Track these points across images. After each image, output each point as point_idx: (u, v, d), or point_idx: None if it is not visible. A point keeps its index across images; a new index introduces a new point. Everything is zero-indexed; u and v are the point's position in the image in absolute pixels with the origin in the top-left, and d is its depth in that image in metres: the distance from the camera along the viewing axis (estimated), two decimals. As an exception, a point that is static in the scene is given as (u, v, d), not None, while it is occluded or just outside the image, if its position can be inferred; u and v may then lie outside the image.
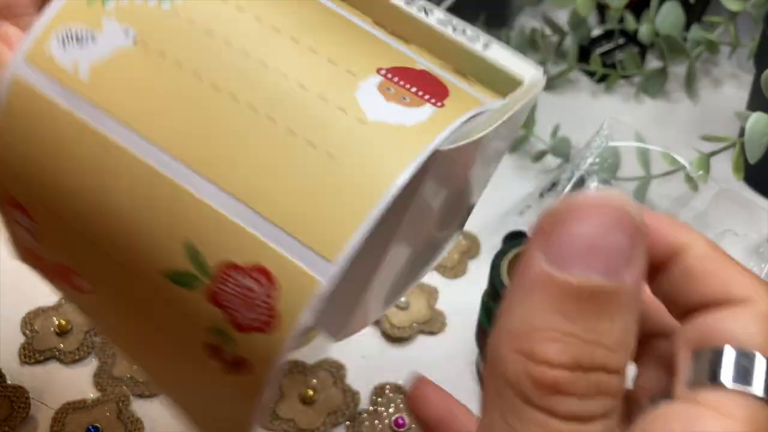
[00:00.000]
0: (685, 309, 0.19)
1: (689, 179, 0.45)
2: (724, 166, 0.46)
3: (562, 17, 0.62)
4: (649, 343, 0.21)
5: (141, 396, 0.36)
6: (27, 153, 0.21)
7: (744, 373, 0.17)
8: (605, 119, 0.45)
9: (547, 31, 0.61)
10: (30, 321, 0.39)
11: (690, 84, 0.58)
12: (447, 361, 0.39)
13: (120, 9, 0.20)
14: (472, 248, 0.45)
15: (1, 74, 0.21)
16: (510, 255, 0.33)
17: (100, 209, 0.20)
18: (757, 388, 0.16)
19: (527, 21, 0.68)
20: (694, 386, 0.17)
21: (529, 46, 0.60)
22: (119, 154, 0.19)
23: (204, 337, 0.19)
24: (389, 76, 0.19)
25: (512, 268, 0.33)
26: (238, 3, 0.20)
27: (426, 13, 0.22)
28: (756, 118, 0.42)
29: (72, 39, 0.20)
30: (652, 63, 0.61)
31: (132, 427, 0.35)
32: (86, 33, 0.20)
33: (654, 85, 0.58)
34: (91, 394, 0.36)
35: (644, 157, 0.46)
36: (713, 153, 0.45)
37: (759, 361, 0.17)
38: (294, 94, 0.18)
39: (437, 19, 0.23)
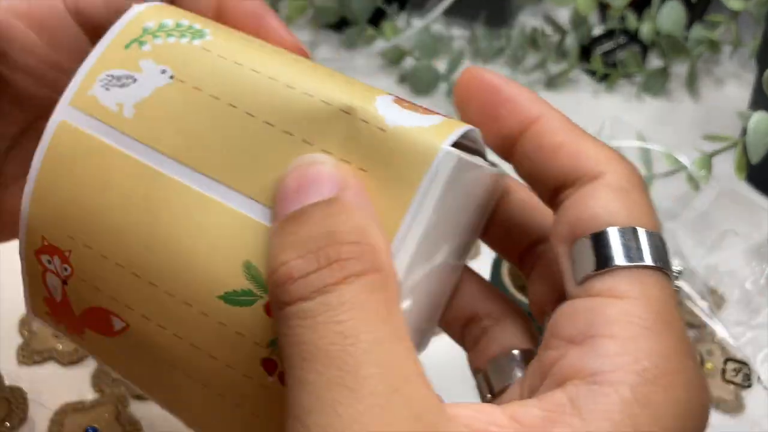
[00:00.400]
0: (546, 188, 0.19)
1: (691, 179, 0.45)
2: (726, 165, 0.46)
3: (563, 16, 0.62)
4: (536, 254, 0.21)
5: (139, 397, 0.36)
6: (70, 194, 0.21)
7: (626, 250, 0.17)
8: (607, 119, 0.45)
9: (548, 30, 0.61)
10: (28, 322, 0.39)
11: (691, 83, 0.58)
12: (447, 362, 0.39)
13: (155, 50, 0.22)
14: (472, 249, 0.45)
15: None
16: None
17: (150, 241, 0.20)
18: (625, 259, 0.17)
19: (528, 20, 0.68)
20: (582, 280, 0.17)
21: (529, 45, 0.60)
22: (169, 185, 0.20)
23: (262, 352, 0.20)
24: (398, 98, 0.20)
25: (512, 269, 0.33)
26: (261, 42, 0.22)
27: None
28: (758, 117, 0.41)
29: (114, 81, 0.21)
30: (654, 62, 0.61)
31: (130, 429, 0.35)
32: (127, 75, 0.21)
33: (655, 85, 0.58)
34: (90, 395, 0.36)
35: (646, 156, 0.45)
36: (715, 153, 0.45)
37: (630, 234, 0.17)
38: (321, 110, 0.20)
39: None
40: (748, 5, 0.54)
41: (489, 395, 0.21)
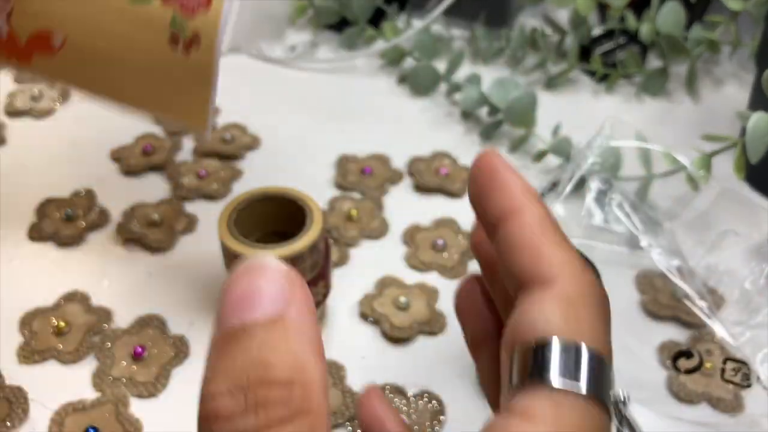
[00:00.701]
0: (512, 286, 0.18)
1: (690, 179, 0.44)
2: (725, 165, 0.46)
3: (563, 16, 0.62)
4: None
5: (140, 397, 0.36)
6: None
7: (561, 368, 0.16)
8: (606, 119, 0.45)
9: (548, 30, 0.61)
10: (28, 321, 0.39)
11: (691, 83, 0.58)
12: (447, 362, 0.39)
13: None
14: (472, 248, 0.45)
15: None
16: None
17: None
18: (555, 381, 0.16)
19: (527, 20, 0.68)
20: (514, 389, 0.16)
21: (529, 45, 0.60)
22: None
23: (166, 33, 0.30)
24: None
25: None
26: None
27: None
28: (757, 117, 0.41)
29: None
30: (653, 62, 0.61)
31: (131, 428, 0.35)
32: None
33: (655, 85, 0.58)
34: (90, 394, 0.36)
35: (645, 156, 0.45)
36: (714, 153, 0.45)
37: (571, 351, 0.16)
38: None
39: None
40: (747, 6, 0.54)
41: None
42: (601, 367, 0.16)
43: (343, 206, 0.47)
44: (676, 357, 0.38)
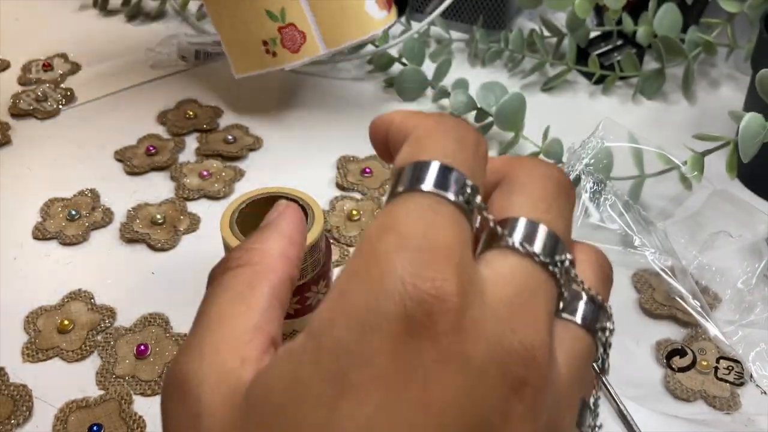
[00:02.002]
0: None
1: (684, 179, 0.45)
2: (718, 166, 0.46)
3: (560, 19, 0.63)
4: None
5: (143, 394, 0.36)
6: None
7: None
8: (600, 120, 0.45)
9: (545, 32, 0.62)
10: (32, 320, 0.40)
11: (687, 85, 0.58)
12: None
13: None
14: (470, 248, 0.45)
15: None
16: None
17: None
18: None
19: (525, 23, 0.69)
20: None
21: (527, 47, 0.61)
22: None
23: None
24: None
25: None
26: None
27: None
28: (749, 118, 0.42)
29: None
30: (650, 64, 0.61)
31: (134, 426, 0.35)
32: None
33: (651, 87, 0.59)
34: (94, 392, 0.36)
35: (639, 157, 0.46)
36: (707, 152, 0.45)
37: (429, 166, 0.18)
38: None
39: None
40: (743, 8, 0.54)
41: None
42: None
43: (344, 206, 0.48)
44: (669, 355, 0.39)
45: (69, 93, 0.57)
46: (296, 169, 0.51)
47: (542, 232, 0.18)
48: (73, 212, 0.46)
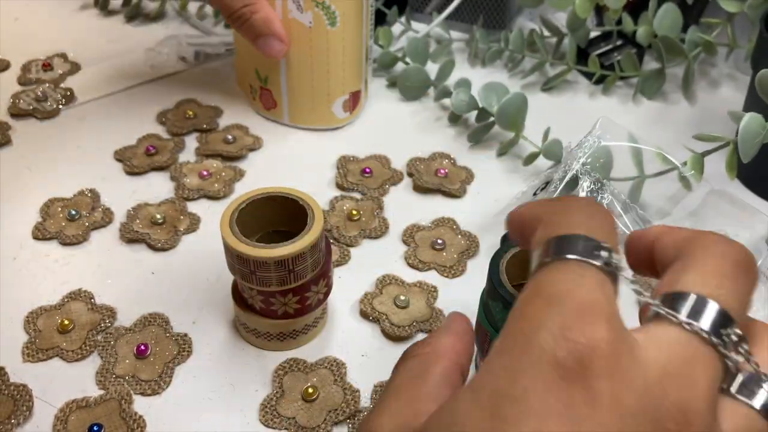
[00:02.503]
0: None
1: (683, 178, 0.45)
2: (718, 166, 0.46)
3: (560, 19, 0.63)
4: None
5: (143, 394, 0.37)
6: None
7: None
8: (598, 119, 0.45)
9: (546, 32, 0.62)
10: (33, 320, 0.40)
11: (687, 85, 0.58)
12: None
13: None
14: (470, 248, 0.45)
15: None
16: (508, 255, 0.34)
17: None
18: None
19: (525, 23, 0.69)
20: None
21: (527, 47, 0.61)
22: None
23: None
24: None
25: (510, 266, 0.33)
26: None
27: None
28: (749, 118, 0.42)
29: None
30: (650, 64, 0.61)
31: (134, 425, 0.35)
32: None
33: (651, 87, 0.59)
34: (94, 392, 0.36)
35: (638, 156, 0.46)
36: (707, 153, 0.45)
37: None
38: None
39: None
40: (743, 8, 0.54)
41: None
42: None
43: (344, 206, 0.48)
44: None
45: (69, 93, 0.57)
46: (296, 169, 0.51)
47: (710, 307, 0.19)
48: (73, 212, 0.46)
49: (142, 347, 0.38)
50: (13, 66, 0.61)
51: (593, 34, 0.62)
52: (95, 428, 0.34)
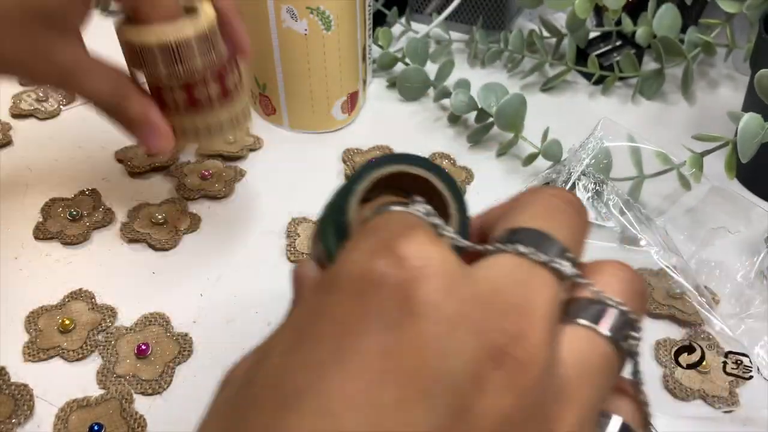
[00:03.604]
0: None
1: (682, 177, 0.45)
2: (717, 166, 0.46)
3: (560, 19, 0.63)
4: None
5: (144, 393, 0.37)
6: None
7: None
8: (599, 120, 0.45)
9: (545, 33, 0.62)
10: (34, 319, 0.40)
11: (686, 86, 0.58)
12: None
13: None
14: (470, 248, 0.45)
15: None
16: (362, 186, 0.22)
17: None
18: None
19: (525, 23, 0.69)
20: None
21: (526, 48, 0.61)
22: None
23: None
24: None
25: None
26: None
27: None
28: (748, 118, 0.42)
29: None
30: (649, 65, 0.62)
31: (135, 425, 0.35)
32: None
33: (651, 87, 0.59)
34: (95, 391, 0.37)
35: (637, 156, 0.46)
36: (706, 152, 0.45)
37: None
38: None
39: None
40: (742, 8, 0.54)
41: None
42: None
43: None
44: (678, 352, 0.39)
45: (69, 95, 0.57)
46: (299, 166, 0.51)
47: (543, 236, 0.19)
48: (74, 212, 0.46)
49: (143, 347, 0.38)
50: (14, 67, 0.61)
51: (593, 34, 0.62)
52: (96, 428, 0.34)
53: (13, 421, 0.35)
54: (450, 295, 0.16)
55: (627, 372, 0.20)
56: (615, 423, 0.19)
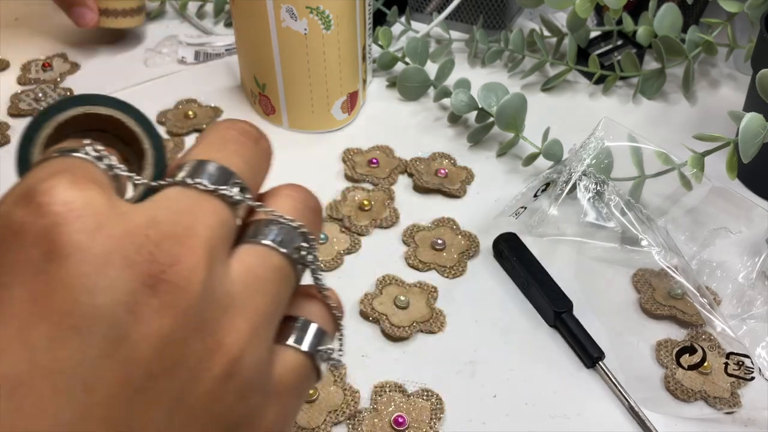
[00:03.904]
0: None
1: (683, 177, 0.45)
2: (718, 166, 0.46)
3: (560, 19, 0.63)
4: None
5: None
6: None
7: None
8: (600, 119, 0.45)
9: (546, 32, 0.62)
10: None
11: (687, 85, 0.58)
12: (446, 360, 0.40)
13: None
14: (470, 248, 0.45)
15: None
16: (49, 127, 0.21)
17: None
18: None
19: (525, 23, 0.69)
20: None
21: (527, 47, 0.61)
22: None
23: None
24: None
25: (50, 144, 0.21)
26: None
27: None
28: (749, 118, 0.42)
29: None
30: (650, 64, 0.61)
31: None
32: None
33: (651, 87, 0.59)
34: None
35: (638, 156, 0.46)
36: (707, 152, 0.45)
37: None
38: None
39: None
40: (743, 8, 0.54)
41: None
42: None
43: (356, 197, 0.48)
44: (679, 353, 0.39)
45: (68, 93, 0.57)
46: (298, 166, 0.51)
47: (209, 166, 0.20)
48: (73, 212, 0.46)
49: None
50: (13, 66, 0.61)
51: (593, 34, 0.62)
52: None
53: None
54: (97, 234, 0.17)
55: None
56: (310, 327, 0.22)
